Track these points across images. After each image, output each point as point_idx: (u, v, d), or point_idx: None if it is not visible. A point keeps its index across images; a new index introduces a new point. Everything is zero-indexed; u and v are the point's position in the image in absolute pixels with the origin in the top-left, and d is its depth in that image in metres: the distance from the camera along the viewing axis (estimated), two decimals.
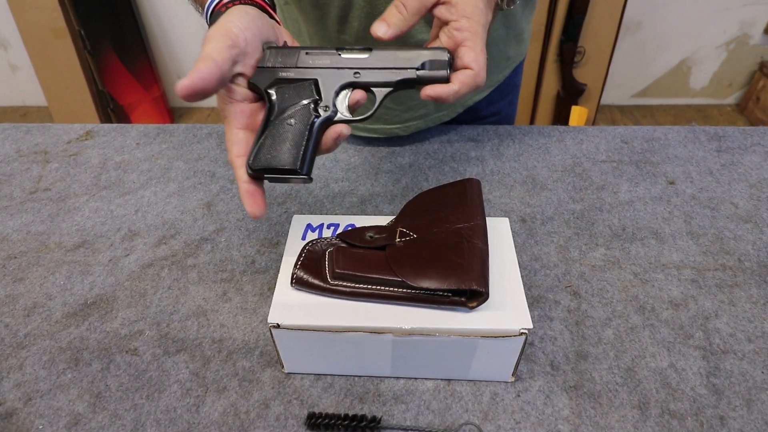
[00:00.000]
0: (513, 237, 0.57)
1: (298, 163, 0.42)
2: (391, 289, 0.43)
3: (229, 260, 0.60)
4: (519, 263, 0.55)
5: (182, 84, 0.39)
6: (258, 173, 0.43)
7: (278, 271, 0.47)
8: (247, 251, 0.61)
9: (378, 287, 0.43)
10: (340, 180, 0.71)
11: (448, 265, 0.42)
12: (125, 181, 0.73)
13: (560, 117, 2.16)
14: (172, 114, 2.52)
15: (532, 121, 2.27)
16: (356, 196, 0.68)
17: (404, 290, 0.42)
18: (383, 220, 0.50)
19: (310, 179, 0.43)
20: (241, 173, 0.43)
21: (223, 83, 0.43)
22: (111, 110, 2.41)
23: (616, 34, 2.01)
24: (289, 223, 0.53)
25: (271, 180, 0.43)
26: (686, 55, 2.37)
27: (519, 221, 0.64)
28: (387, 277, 0.42)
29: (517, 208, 0.66)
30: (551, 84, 2.14)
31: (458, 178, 0.70)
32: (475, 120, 0.83)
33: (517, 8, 0.72)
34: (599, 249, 0.60)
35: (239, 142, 0.44)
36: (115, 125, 0.85)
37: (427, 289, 0.42)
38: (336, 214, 0.65)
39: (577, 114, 2.09)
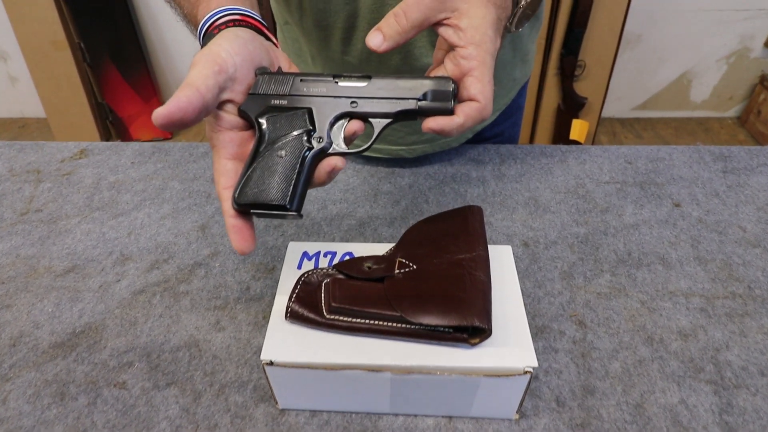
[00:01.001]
0: (515, 263, 0.55)
1: (287, 198, 0.40)
2: (390, 324, 0.41)
3: (223, 286, 0.58)
4: (522, 290, 0.53)
5: (159, 113, 0.37)
6: (244, 208, 0.40)
7: (273, 298, 0.46)
8: (241, 277, 0.59)
9: (376, 322, 0.41)
10: (338, 202, 0.69)
11: (449, 299, 0.40)
12: (119, 201, 0.71)
13: (561, 130, 2.15)
14: None
15: (532, 135, 2.26)
16: (355, 218, 0.67)
17: (403, 326, 0.40)
18: (382, 248, 0.49)
19: (300, 216, 0.41)
20: (228, 207, 0.41)
21: (206, 112, 0.40)
22: (110, 122, 2.40)
23: (616, 47, 2.01)
24: (286, 248, 0.51)
25: (258, 215, 0.41)
26: (687, 69, 2.37)
27: (521, 245, 0.62)
28: (385, 312, 0.41)
29: (519, 231, 0.64)
30: (552, 97, 2.13)
31: (459, 200, 0.69)
32: (478, 141, 0.82)
33: (524, 30, 0.71)
34: (604, 275, 0.58)
35: (227, 173, 0.42)
36: (110, 143, 0.84)
37: (427, 325, 0.40)
38: (333, 241, 0.63)
39: (578, 127, 2.08)
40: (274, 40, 0.50)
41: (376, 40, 0.43)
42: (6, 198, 0.73)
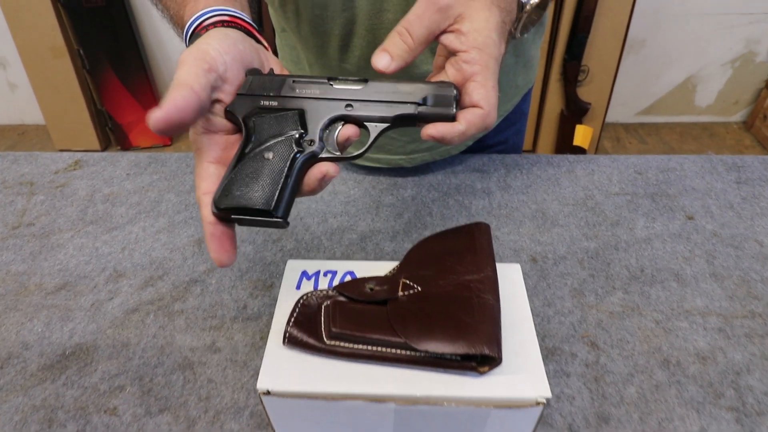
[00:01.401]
0: (524, 280, 0.53)
1: (273, 203, 0.37)
2: (394, 350, 0.38)
3: (220, 305, 0.56)
4: (531, 309, 0.51)
5: (155, 116, 0.34)
6: (224, 213, 0.37)
7: (271, 318, 0.43)
8: (238, 294, 0.57)
9: (379, 348, 0.39)
10: (339, 215, 0.67)
11: (456, 325, 0.38)
12: (113, 215, 0.69)
13: (564, 136, 2.12)
14: None
15: (535, 141, 2.24)
16: (356, 232, 0.64)
17: (408, 352, 0.38)
18: (384, 267, 0.46)
19: (286, 223, 0.38)
20: (207, 213, 0.38)
21: (202, 113, 0.38)
22: (109, 129, 2.39)
23: (620, 52, 1.99)
24: (284, 263, 0.49)
25: (239, 222, 0.38)
26: (691, 73, 2.35)
27: (529, 261, 0.60)
28: (389, 338, 0.38)
29: (527, 246, 0.62)
30: (555, 103, 2.11)
31: (463, 212, 0.67)
32: (481, 149, 0.80)
33: (527, 35, 0.69)
34: (617, 293, 0.55)
35: (209, 178, 0.39)
36: (105, 154, 0.82)
37: (433, 353, 0.37)
38: (334, 256, 0.61)
39: (582, 133, 2.06)
40: (265, 44, 0.47)
41: (384, 61, 0.41)
42: None
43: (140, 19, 2.26)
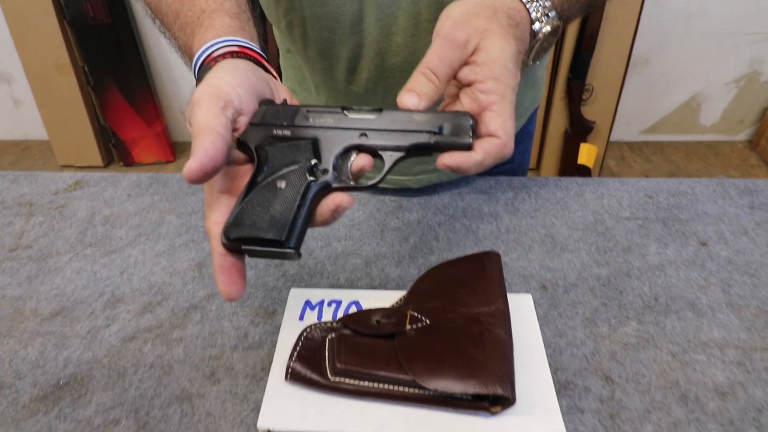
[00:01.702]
0: (535, 309, 0.51)
1: (285, 233, 0.35)
2: (401, 388, 0.37)
3: (220, 332, 0.54)
4: (542, 340, 0.49)
5: (191, 168, 0.33)
6: (234, 243, 0.36)
7: (273, 347, 0.42)
8: (239, 322, 0.55)
9: (386, 386, 0.37)
10: (343, 238, 0.66)
11: (467, 362, 0.36)
12: (112, 237, 0.68)
13: (569, 155, 2.11)
14: (174, 149, 2.49)
15: (540, 159, 2.23)
16: (360, 257, 0.63)
17: (416, 391, 0.36)
18: (391, 297, 0.45)
19: (299, 255, 0.37)
20: (216, 244, 0.37)
21: (230, 152, 0.37)
22: (112, 145, 2.39)
23: (624, 71, 1.99)
24: (287, 289, 0.47)
25: (250, 253, 0.36)
26: (696, 92, 2.34)
27: (539, 288, 0.58)
28: (396, 375, 0.37)
29: (536, 272, 0.60)
30: (559, 122, 2.10)
31: (471, 237, 0.65)
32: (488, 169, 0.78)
33: (538, 62, 0.68)
34: (630, 323, 0.54)
35: (219, 208, 0.38)
36: (106, 174, 0.81)
37: (443, 392, 0.36)
38: (338, 282, 0.59)
39: (586, 152, 2.05)
40: (274, 73, 0.46)
41: (412, 100, 0.40)
42: None
43: (145, 37, 2.27)
